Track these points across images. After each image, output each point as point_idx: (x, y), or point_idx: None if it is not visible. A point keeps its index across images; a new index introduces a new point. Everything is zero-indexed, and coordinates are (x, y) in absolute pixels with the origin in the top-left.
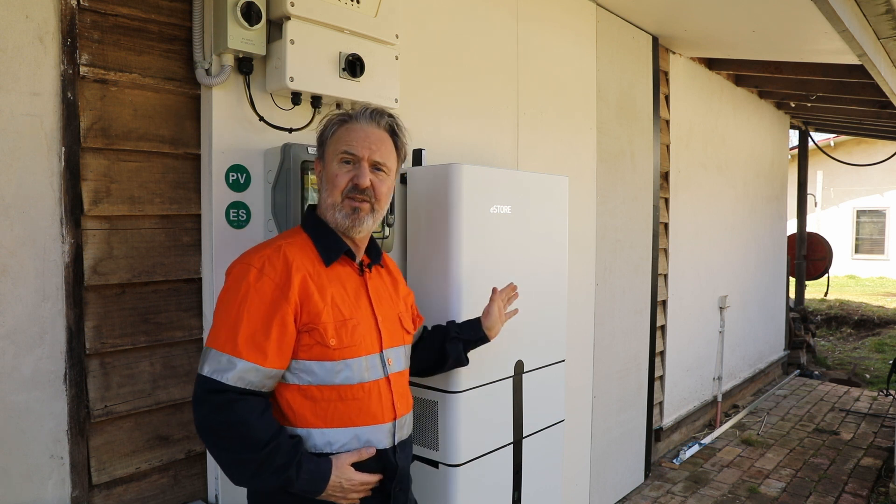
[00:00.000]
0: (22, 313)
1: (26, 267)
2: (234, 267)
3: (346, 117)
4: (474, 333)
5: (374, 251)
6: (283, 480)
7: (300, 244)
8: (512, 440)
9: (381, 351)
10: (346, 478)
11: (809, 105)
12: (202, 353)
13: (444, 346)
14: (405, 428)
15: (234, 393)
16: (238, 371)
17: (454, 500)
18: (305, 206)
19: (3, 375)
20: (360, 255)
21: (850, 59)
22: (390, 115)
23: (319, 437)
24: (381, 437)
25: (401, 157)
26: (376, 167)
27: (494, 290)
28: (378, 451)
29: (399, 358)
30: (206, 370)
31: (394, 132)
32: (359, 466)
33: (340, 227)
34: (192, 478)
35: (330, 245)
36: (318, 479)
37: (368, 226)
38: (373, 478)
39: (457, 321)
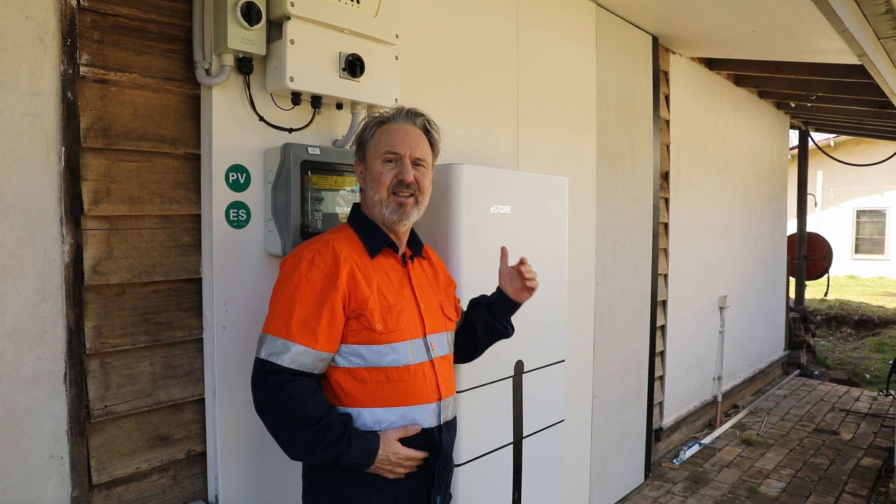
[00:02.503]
0: (22, 313)
1: (26, 267)
2: (287, 260)
3: (384, 119)
4: (496, 294)
5: (416, 243)
6: (334, 454)
7: (347, 238)
8: (512, 440)
9: (425, 336)
10: (393, 452)
11: (809, 105)
12: (259, 339)
13: (467, 315)
14: (450, 409)
15: (288, 374)
16: (292, 353)
17: (455, 499)
18: (307, 206)
19: (3, 375)
20: (403, 248)
21: (850, 59)
22: (423, 115)
23: (368, 416)
24: (426, 416)
25: (435, 153)
26: (416, 163)
27: (503, 248)
28: (424, 429)
29: (442, 343)
30: (263, 353)
31: (427, 130)
32: (406, 445)
33: (388, 221)
34: (192, 478)
35: (374, 238)
36: (366, 452)
37: (414, 218)
38: (418, 453)
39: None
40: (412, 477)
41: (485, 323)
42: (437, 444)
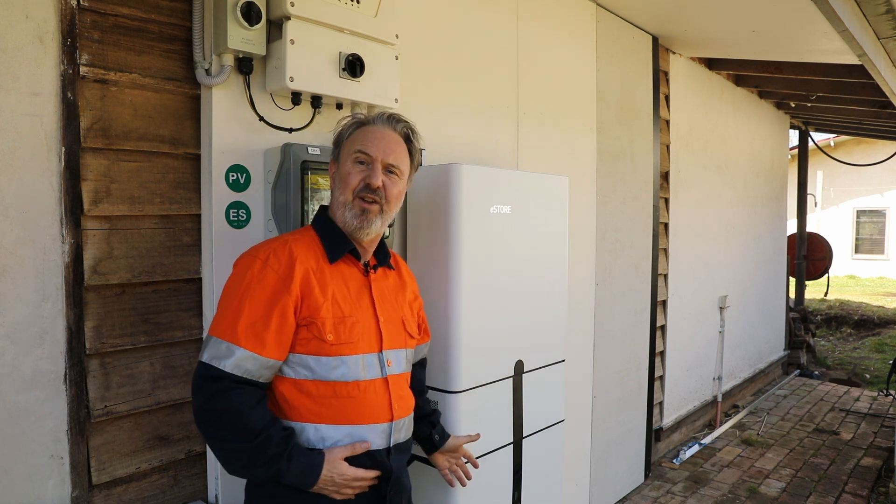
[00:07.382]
0: (22, 313)
1: (26, 267)
2: (240, 259)
3: (364, 121)
4: (438, 431)
5: (383, 253)
6: (273, 471)
7: (307, 241)
8: (512, 440)
9: (381, 351)
10: (339, 472)
11: (809, 105)
12: (204, 341)
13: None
14: (403, 431)
15: (231, 381)
16: (236, 359)
17: (454, 500)
18: (307, 207)
19: (3, 375)
20: (367, 257)
21: (850, 59)
22: (406, 122)
23: (313, 433)
24: (374, 436)
25: (414, 164)
26: (389, 169)
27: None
28: (371, 451)
29: (399, 360)
30: (206, 357)
31: (408, 138)
32: (354, 464)
33: (349, 227)
34: (192, 478)
35: (335, 242)
36: (309, 472)
37: (377, 227)
38: (368, 473)
39: (430, 364)
40: (361, 498)
41: (421, 422)
42: (385, 466)
